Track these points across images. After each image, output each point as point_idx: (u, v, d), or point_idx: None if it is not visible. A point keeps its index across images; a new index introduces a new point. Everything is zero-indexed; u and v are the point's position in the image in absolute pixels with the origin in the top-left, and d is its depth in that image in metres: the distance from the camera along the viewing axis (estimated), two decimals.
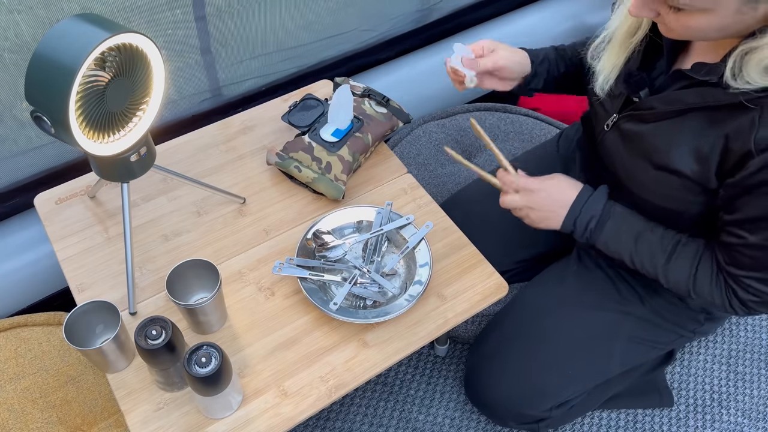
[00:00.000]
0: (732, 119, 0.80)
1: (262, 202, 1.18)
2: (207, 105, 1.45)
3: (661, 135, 0.90)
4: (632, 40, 0.93)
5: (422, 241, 1.09)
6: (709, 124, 0.84)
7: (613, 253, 1.01)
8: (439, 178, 1.52)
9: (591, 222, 0.99)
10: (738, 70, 0.77)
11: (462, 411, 1.43)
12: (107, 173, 0.98)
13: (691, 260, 0.95)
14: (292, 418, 0.93)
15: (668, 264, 0.96)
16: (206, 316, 0.96)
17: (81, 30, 0.78)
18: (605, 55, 0.96)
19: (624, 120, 0.96)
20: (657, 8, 0.80)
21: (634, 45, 0.93)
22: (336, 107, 1.16)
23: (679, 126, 0.87)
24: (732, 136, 0.80)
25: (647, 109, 0.91)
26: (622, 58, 0.94)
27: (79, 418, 1.10)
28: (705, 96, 0.83)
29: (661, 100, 0.89)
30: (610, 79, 0.97)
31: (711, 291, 0.94)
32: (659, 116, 0.90)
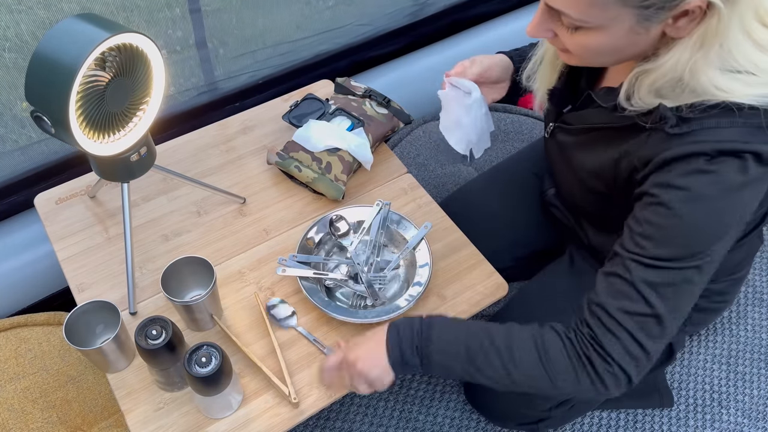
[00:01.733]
0: (627, 140, 0.82)
1: (262, 202, 1.18)
2: (204, 99, 1.45)
3: (578, 149, 0.94)
4: (559, 61, 0.94)
5: (422, 241, 1.09)
6: (610, 141, 0.86)
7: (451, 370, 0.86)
8: (439, 178, 1.53)
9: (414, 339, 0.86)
10: (632, 92, 0.78)
11: (462, 411, 1.43)
12: (107, 173, 0.98)
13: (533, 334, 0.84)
14: (292, 418, 0.93)
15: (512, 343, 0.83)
16: (202, 313, 0.96)
17: (81, 30, 0.78)
18: (538, 77, 1.00)
19: (558, 130, 0.99)
20: (552, 28, 0.80)
21: (560, 65, 0.95)
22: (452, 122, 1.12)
23: (591, 142, 0.91)
24: (623, 156, 0.82)
25: (569, 124, 0.95)
26: (554, 77, 0.97)
27: (79, 418, 1.10)
28: (605, 117, 0.86)
29: (574, 117, 0.94)
30: (544, 99, 1.00)
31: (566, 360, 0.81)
32: (577, 132, 0.93)
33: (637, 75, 0.77)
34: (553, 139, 1.02)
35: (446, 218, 1.17)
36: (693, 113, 0.74)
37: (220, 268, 1.08)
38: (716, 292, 1.11)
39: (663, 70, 0.74)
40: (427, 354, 0.85)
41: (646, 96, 0.77)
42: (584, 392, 0.82)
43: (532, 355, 0.82)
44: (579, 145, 0.94)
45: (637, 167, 0.80)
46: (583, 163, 0.92)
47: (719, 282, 1.09)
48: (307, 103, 1.24)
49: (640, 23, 0.72)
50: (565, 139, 0.97)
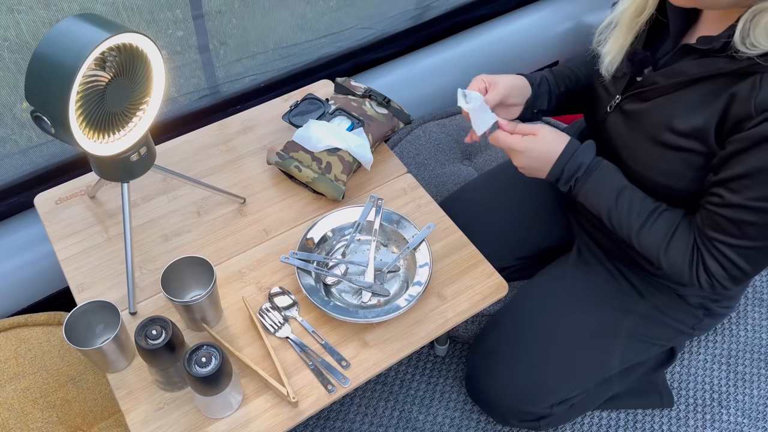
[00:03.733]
0: (733, 86, 0.82)
1: (262, 202, 1.18)
2: (205, 102, 1.45)
3: (661, 110, 0.92)
4: (638, 20, 0.94)
5: (423, 242, 1.09)
6: (709, 93, 0.85)
7: (593, 206, 1.00)
8: (439, 178, 1.53)
9: (579, 170, 0.99)
10: (746, 33, 0.78)
11: (462, 411, 1.43)
12: (107, 173, 0.98)
13: (668, 227, 0.95)
14: (292, 418, 0.93)
15: (644, 227, 0.96)
16: (202, 313, 0.96)
17: (81, 30, 0.78)
18: (612, 38, 0.98)
19: (626, 101, 0.98)
20: None
21: (640, 25, 0.95)
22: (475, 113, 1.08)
23: (678, 99, 0.89)
24: (732, 102, 0.82)
25: (650, 86, 0.93)
26: (629, 39, 0.96)
27: (79, 418, 1.10)
28: (708, 66, 0.85)
29: (664, 74, 0.91)
30: (616, 61, 0.98)
31: (683, 260, 0.94)
32: (661, 91, 0.91)
33: (752, 14, 0.77)
34: (617, 114, 1.00)
35: (446, 218, 1.17)
36: None
37: (220, 268, 1.08)
38: (728, 297, 1.12)
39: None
40: (575, 194, 1.01)
41: (763, 37, 0.76)
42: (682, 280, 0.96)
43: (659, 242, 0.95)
44: (658, 107, 0.92)
45: (752, 114, 0.79)
46: (671, 123, 0.90)
47: None
48: (307, 103, 1.24)
49: None
50: (636, 107, 0.95)
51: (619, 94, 0.99)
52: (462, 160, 1.61)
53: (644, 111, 0.94)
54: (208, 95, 1.44)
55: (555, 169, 0.99)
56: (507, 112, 1.09)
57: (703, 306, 1.11)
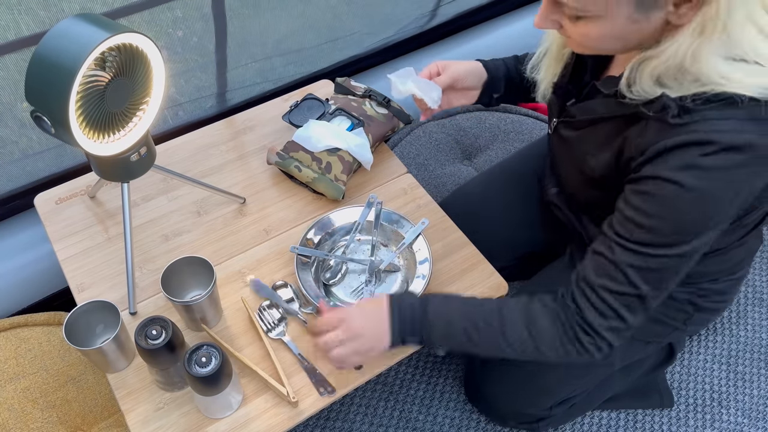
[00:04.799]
0: (627, 128, 0.83)
1: (262, 202, 1.18)
2: (212, 111, 1.45)
3: (581, 142, 0.94)
4: (564, 52, 0.96)
5: (419, 237, 1.09)
6: (613, 132, 0.86)
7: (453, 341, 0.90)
8: (438, 178, 1.53)
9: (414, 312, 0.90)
10: (633, 80, 0.79)
11: (462, 411, 1.43)
12: (107, 173, 0.98)
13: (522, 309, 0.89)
14: (292, 418, 0.93)
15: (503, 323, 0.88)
16: (202, 313, 0.96)
17: (81, 30, 0.78)
18: (543, 68, 1.00)
19: (561, 125, 1.00)
20: (557, 19, 0.81)
21: (566, 58, 0.96)
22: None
23: (593, 134, 0.91)
24: (624, 143, 0.83)
25: (572, 117, 0.95)
26: (558, 69, 0.98)
27: (79, 418, 1.10)
28: (609, 107, 0.86)
29: (579, 109, 0.94)
30: (548, 90, 1.01)
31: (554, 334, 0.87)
32: (581, 124, 0.94)
33: (639, 61, 0.78)
34: (556, 134, 1.02)
35: (446, 218, 1.17)
36: (695, 104, 0.74)
37: (220, 268, 1.08)
38: (716, 291, 1.11)
39: (663, 56, 0.74)
40: (427, 338, 0.90)
41: (648, 83, 0.77)
42: (570, 359, 0.88)
43: (522, 332, 0.88)
44: (582, 138, 0.94)
45: (634, 156, 0.80)
46: (585, 156, 0.92)
47: (720, 282, 1.09)
48: (307, 103, 1.24)
49: (639, 11, 0.72)
50: (568, 134, 0.98)
51: (556, 118, 1.01)
52: (462, 160, 1.61)
53: (572, 139, 0.96)
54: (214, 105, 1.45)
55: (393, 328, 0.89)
56: (465, 96, 1.11)
57: (690, 302, 1.11)
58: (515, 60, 1.16)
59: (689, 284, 1.08)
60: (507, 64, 1.15)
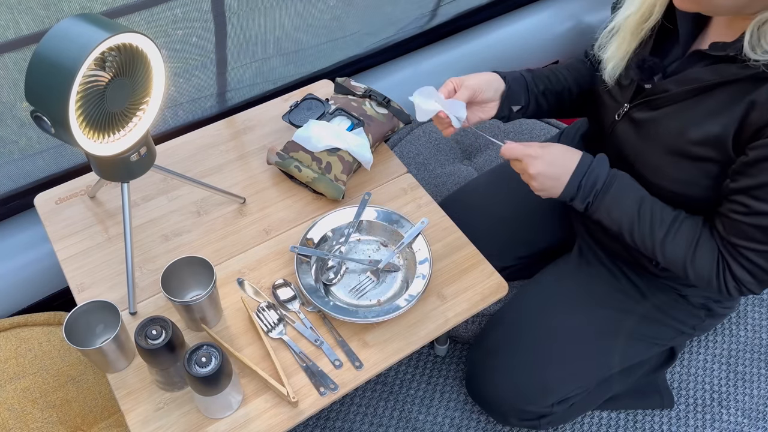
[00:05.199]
0: (750, 92, 0.81)
1: (262, 202, 1.18)
2: (212, 111, 1.45)
3: (674, 118, 0.90)
4: (644, 26, 0.92)
5: (419, 237, 1.09)
6: (726, 100, 0.84)
7: (614, 220, 0.96)
8: (439, 178, 1.53)
9: (597, 184, 0.95)
10: (757, 40, 0.77)
11: (462, 411, 1.43)
12: (107, 173, 0.98)
13: (691, 237, 0.93)
14: (292, 418, 0.93)
15: (666, 237, 0.94)
16: (202, 313, 0.96)
17: (81, 30, 0.78)
18: (615, 44, 0.96)
19: (635, 109, 0.96)
20: None
21: (645, 32, 0.93)
22: None
23: (692, 107, 0.87)
24: (752, 109, 0.80)
25: (661, 93, 0.91)
26: (633, 45, 0.94)
27: (79, 418, 1.10)
28: (722, 72, 0.83)
29: (675, 81, 0.89)
30: (619, 68, 0.96)
31: (710, 270, 0.92)
32: (673, 99, 0.90)
33: (761, 21, 0.76)
34: (626, 122, 0.97)
35: (446, 218, 1.17)
36: None
37: (220, 268, 1.08)
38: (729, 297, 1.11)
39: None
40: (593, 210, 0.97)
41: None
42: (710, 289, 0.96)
43: (683, 252, 0.93)
44: (671, 116, 0.90)
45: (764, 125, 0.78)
46: (686, 132, 0.88)
47: None
48: (307, 103, 1.24)
49: None
50: (647, 116, 0.93)
51: (627, 103, 0.97)
52: (462, 160, 1.61)
53: (656, 119, 0.92)
54: (214, 104, 1.45)
55: (572, 182, 0.95)
56: (482, 109, 1.06)
57: (705, 306, 1.11)
58: (530, 73, 1.11)
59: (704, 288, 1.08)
60: (525, 77, 1.10)
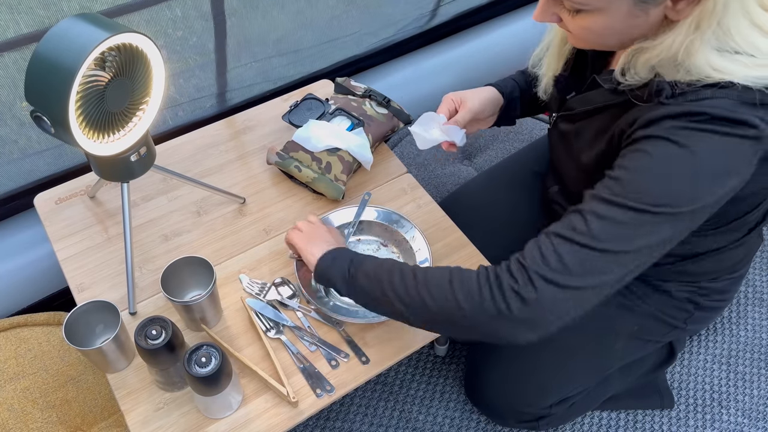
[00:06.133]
0: (621, 116, 0.83)
1: (262, 202, 1.18)
2: (212, 111, 1.45)
3: (579, 135, 0.95)
4: (565, 49, 0.97)
5: (419, 238, 1.09)
6: (608, 122, 0.87)
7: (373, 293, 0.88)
8: (439, 178, 1.52)
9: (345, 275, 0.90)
10: (628, 69, 0.80)
11: (462, 411, 1.43)
12: (107, 173, 0.98)
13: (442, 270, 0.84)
14: (292, 418, 0.93)
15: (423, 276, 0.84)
16: (202, 313, 0.96)
17: (81, 30, 0.78)
18: (545, 63, 1.02)
19: (560, 120, 1.01)
20: (557, 12, 0.82)
21: (567, 53, 0.98)
22: None
23: (590, 125, 0.92)
24: (618, 131, 0.84)
25: (571, 110, 0.96)
26: (560, 64, 0.99)
27: (79, 418, 1.10)
28: (605, 96, 0.88)
29: (577, 101, 0.95)
30: (549, 84, 1.02)
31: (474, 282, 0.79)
32: (580, 117, 0.95)
33: (633, 52, 0.79)
34: (556, 130, 1.03)
35: (446, 218, 1.17)
36: (689, 87, 0.74)
37: (220, 268, 1.08)
38: (717, 290, 1.11)
39: (658, 49, 0.75)
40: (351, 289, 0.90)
41: (642, 71, 0.79)
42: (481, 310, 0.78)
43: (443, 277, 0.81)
44: (578, 131, 0.95)
45: (625, 130, 0.81)
46: (583, 148, 0.93)
47: (720, 281, 1.09)
48: (307, 103, 1.24)
49: (638, 5, 0.73)
50: (567, 128, 0.98)
51: (555, 113, 1.03)
52: (462, 160, 1.61)
53: (570, 133, 0.97)
54: (214, 104, 1.45)
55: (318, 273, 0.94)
56: (481, 124, 1.14)
57: (690, 300, 1.11)
58: (523, 75, 1.17)
59: (689, 283, 1.09)
60: (518, 81, 1.15)
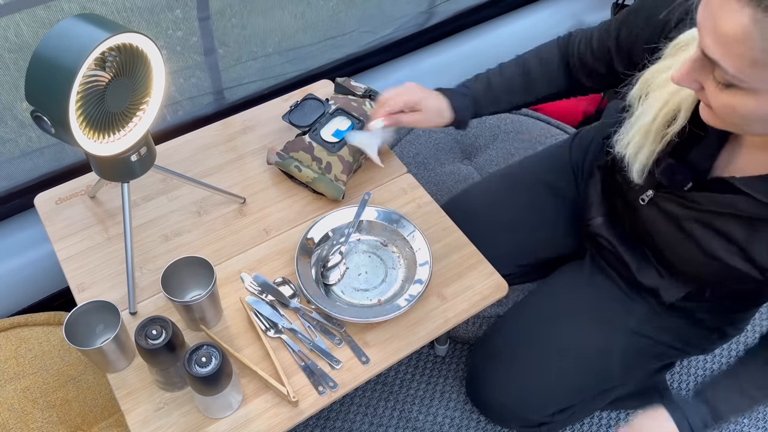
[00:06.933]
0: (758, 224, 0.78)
1: (262, 202, 1.18)
2: (209, 109, 1.45)
3: (707, 227, 0.86)
4: (668, 131, 0.86)
5: (420, 238, 1.09)
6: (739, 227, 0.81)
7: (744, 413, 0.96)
8: (439, 177, 1.53)
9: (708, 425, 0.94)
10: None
11: (462, 411, 1.43)
12: (107, 173, 0.98)
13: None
14: (292, 418, 0.93)
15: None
16: (202, 313, 0.96)
17: (81, 30, 0.78)
18: (638, 145, 0.90)
19: (662, 198, 0.92)
20: (702, 80, 0.70)
21: (670, 136, 0.87)
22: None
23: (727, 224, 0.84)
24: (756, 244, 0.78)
25: (693, 202, 0.87)
26: (658, 147, 0.89)
27: (79, 417, 1.10)
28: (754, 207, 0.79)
29: (710, 200, 0.85)
30: (647, 167, 0.91)
31: None
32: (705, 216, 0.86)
33: None
34: (653, 208, 0.94)
35: (446, 218, 1.17)
36: None
37: (220, 268, 1.08)
38: (743, 319, 1.11)
39: None
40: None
41: None
42: None
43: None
44: (704, 222, 0.86)
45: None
46: (714, 243, 0.85)
47: (750, 311, 1.09)
48: (307, 103, 1.24)
49: None
50: (678, 212, 0.89)
51: (652, 189, 0.93)
52: (462, 160, 1.61)
53: (689, 218, 0.88)
54: (212, 102, 1.45)
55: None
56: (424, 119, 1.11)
57: (719, 329, 1.10)
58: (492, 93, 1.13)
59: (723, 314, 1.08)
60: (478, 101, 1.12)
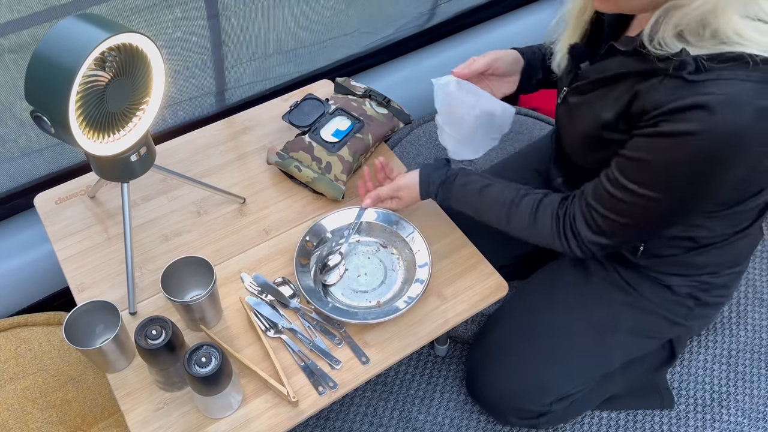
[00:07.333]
0: (640, 83, 0.85)
1: (262, 202, 1.18)
2: (211, 110, 1.45)
3: (592, 104, 0.95)
4: (582, 19, 0.98)
5: (420, 238, 1.09)
6: (625, 89, 0.88)
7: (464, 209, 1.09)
8: None
9: (439, 190, 1.08)
10: (655, 31, 0.80)
11: (462, 410, 1.43)
12: (107, 173, 0.98)
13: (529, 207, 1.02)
14: (292, 418, 0.93)
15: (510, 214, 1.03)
16: (202, 313, 0.96)
17: (81, 30, 0.78)
18: (562, 35, 1.03)
19: (570, 93, 1.02)
20: None
21: (584, 23, 0.99)
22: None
23: (605, 95, 0.93)
24: (635, 98, 0.85)
25: (584, 80, 0.97)
26: (575, 36, 1.00)
27: (79, 417, 1.10)
28: (625, 64, 0.88)
29: (594, 69, 0.96)
30: (564, 56, 1.03)
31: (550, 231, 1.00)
32: (594, 86, 0.95)
33: (663, 12, 0.79)
34: (564, 105, 1.04)
35: (446, 218, 1.17)
36: (710, 63, 0.76)
37: (220, 268, 1.08)
38: (717, 285, 1.12)
39: (690, 7, 0.75)
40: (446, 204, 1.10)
41: (669, 36, 0.79)
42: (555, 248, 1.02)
43: (525, 221, 1.02)
44: (593, 100, 0.96)
45: (648, 109, 0.82)
46: (597, 116, 0.93)
47: (720, 275, 1.10)
48: (307, 103, 1.24)
49: None
50: (577, 100, 1.00)
51: (566, 86, 1.04)
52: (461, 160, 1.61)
53: (580, 104, 0.98)
54: (213, 103, 1.45)
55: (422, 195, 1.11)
56: (504, 83, 1.16)
57: (691, 295, 1.12)
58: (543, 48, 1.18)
59: (690, 276, 1.09)
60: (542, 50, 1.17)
